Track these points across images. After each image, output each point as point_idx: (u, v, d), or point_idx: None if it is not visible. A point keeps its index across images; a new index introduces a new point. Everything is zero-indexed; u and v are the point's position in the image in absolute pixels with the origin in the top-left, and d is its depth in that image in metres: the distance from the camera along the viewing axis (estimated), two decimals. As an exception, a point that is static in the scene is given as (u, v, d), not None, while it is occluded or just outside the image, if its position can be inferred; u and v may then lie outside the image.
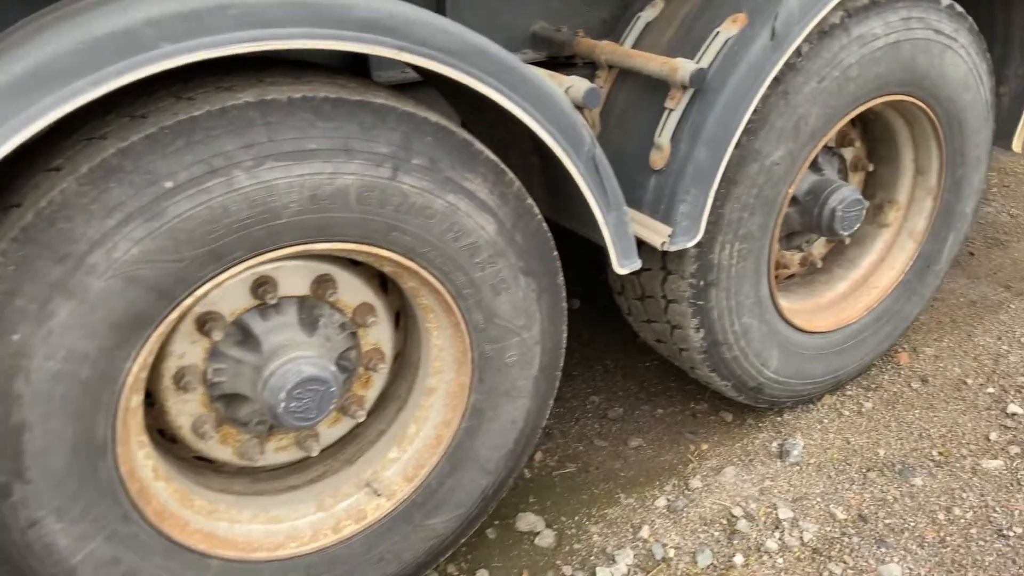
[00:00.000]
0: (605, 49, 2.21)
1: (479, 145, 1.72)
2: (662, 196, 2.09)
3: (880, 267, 2.79)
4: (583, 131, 1.82)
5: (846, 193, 2.47)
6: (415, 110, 1.62)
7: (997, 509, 2.31)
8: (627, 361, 3.06)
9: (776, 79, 2.09)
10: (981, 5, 2.66)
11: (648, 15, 2.28)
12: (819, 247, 2.81)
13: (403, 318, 2.05)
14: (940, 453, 2.54)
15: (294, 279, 1.80)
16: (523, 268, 1.86)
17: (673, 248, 2.08)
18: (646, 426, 2.76)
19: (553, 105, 1.74)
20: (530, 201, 1.84)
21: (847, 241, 2.81)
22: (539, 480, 2.54)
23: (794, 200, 2.56)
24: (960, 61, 2.42)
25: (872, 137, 2.72)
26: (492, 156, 1.75)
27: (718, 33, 2.04)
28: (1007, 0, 2.60)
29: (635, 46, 2.27)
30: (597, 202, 1.89)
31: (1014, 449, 2.53)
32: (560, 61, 2.42)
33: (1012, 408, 2.69)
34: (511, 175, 1.79)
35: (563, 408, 2.85)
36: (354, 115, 1.54)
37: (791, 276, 2.81)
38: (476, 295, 1.83)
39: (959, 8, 2.37)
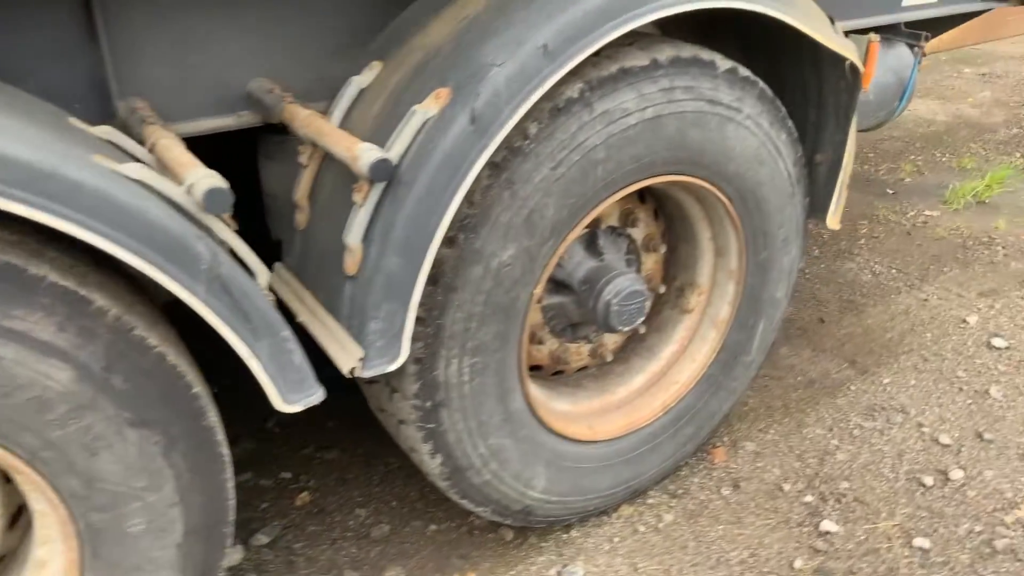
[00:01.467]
0: (303, 120, 1.81)
1: (38, 269, 1.30)
2: (355, 310, 1.69)
3: (681, 359, 2.44)
4: (198, 245, 1.41)
5: (623, 284, 2.11)
6: (-86, 233, 1.20)
7: (782, 667, 1.96)
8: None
9: (497, 166, 1.71)
10: (790, 65, 2.33)
11: (363, 79, 1.89)
12: (612, 337, 2.44)
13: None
14: (734, 586, 2.19)
15: None
16: (132, 419, 1.44)
17: (367, 374, 1.68)
18: (412, 548, 2.36)
19: (134, 216, 1.32)
20: (139, 332, 1.42)
21: (642, 330, 2.46)
22: (261, 629, 2.12)
23: (571, 289, 2.20)
24: (747, 134, 2.07)
25: (668, 213, 2.37)
26: (64, 282, 1.33)
27: (415, 112, 1.65)
28: (815, 60, 2.27)
29: (345, 117, 1.87)
30: (236, 332, 1.48)
31: (817, 582, 2.19)
32: (279, 128, 2.02)
33: (826, 525, 2.35)
34: (103, 303, 1.37)
35: (323, 525, 2.44)
36: None
37: (584, 368, 2.45)
38: (61, 458, 1.40)
39: (744, 73, 2.03)
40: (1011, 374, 3.00)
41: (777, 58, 2.34)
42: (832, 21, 2.13)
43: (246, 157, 2.18)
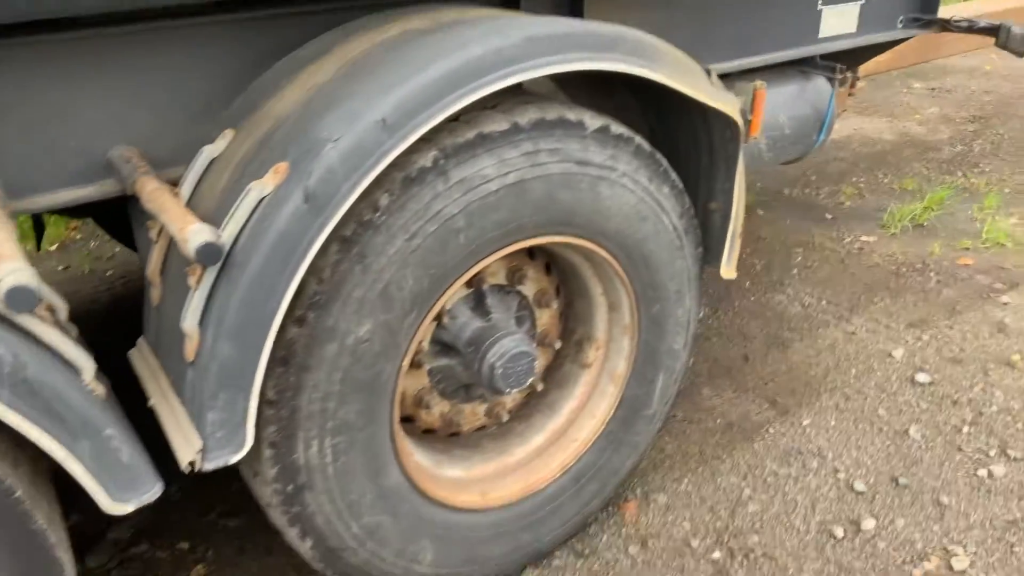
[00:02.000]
0: (149, 195, 1.73)
1: None
2: (195, 398, 1.61)
3: (581, 415, 2.37)
4: (-5, 349, 1.33)
5: (507, 345, 2.04)
6: None
7: None
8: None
9: (346, 241, 1.65)
10: (678, 115, 2.29)
11: (215, 149, 1.82)
12: (510, 395, 2.37)
13: None
14: (632, 655, 2.12)
15: None
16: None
17: (209, 467, 1.60)
18: (305, 622, 2.27)
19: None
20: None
21: (540, 386, 2.39)
22: None
23: (457, 351, 2.13)
24: (623, 191, 2.02)
25: (561, 268, 2.31)
26: None
27: (250, 190, 1.58)
28: (703, 109, 2.22)
29: (195, 190, 1.80)
30: (50, 435, 1.40)
31: (715, 648, 2.12)
32: (140, 198, 1.95)
33: (730, 584, 2.29)
34: None
35: (214, 599, 2.35)
36: None
37: (483, 428, 2.38)
38: None
39: (617, 130, 1.97)
40: (932, 411, 2.95)
41: (666, 108, 2.29)
42: (709, 72, 2.08)
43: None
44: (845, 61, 3.78)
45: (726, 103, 2.07)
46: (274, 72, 1.89)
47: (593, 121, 1.92)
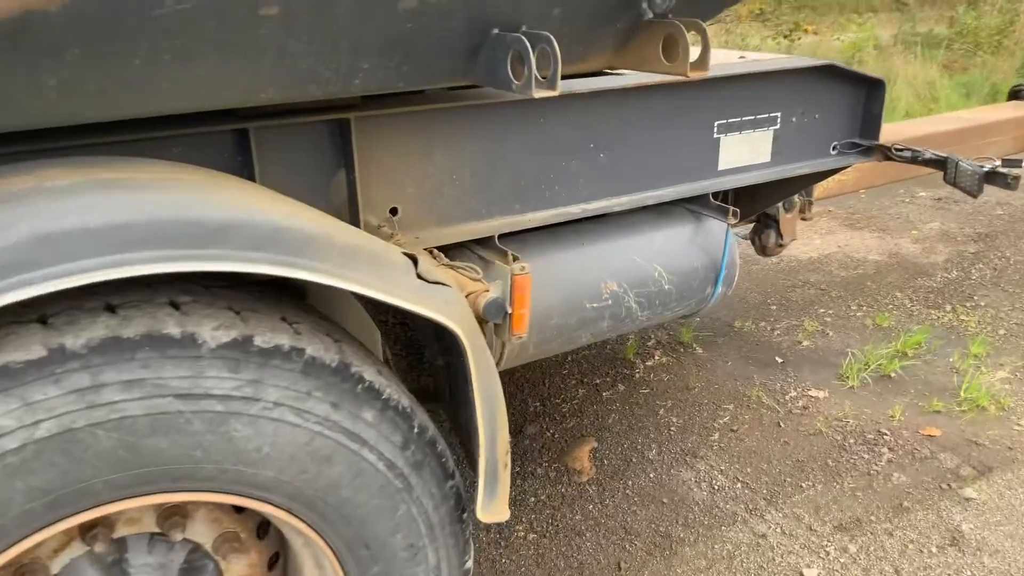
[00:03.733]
0: None
1: None
2: None
3: None
4: None
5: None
6: None
7: None
8: None
9: None
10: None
11: None
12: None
13: None
14: None
15: None
16: None
17: None
18: None
19: None
20: None
21: (227, 668, 1.74)
22: None
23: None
24: (280, 427, 1.40)
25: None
26: None
27: None
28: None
29: None
30: None
31: None
32: None
33: None
34: None
35: None
36: None
37: None
38: None
39: (268, 342, 1.37)
40: (833, 677, 2.21)
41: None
42: (416, 261, 1.49)
43: None
44: (774, 193, 3.20)
45: (424, 302, 1.46)
46: None
47: (218, 334, 1.33)
